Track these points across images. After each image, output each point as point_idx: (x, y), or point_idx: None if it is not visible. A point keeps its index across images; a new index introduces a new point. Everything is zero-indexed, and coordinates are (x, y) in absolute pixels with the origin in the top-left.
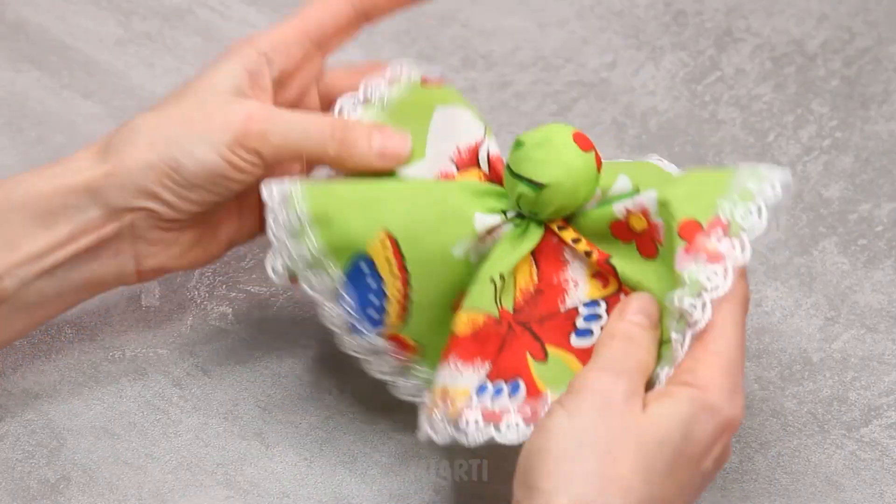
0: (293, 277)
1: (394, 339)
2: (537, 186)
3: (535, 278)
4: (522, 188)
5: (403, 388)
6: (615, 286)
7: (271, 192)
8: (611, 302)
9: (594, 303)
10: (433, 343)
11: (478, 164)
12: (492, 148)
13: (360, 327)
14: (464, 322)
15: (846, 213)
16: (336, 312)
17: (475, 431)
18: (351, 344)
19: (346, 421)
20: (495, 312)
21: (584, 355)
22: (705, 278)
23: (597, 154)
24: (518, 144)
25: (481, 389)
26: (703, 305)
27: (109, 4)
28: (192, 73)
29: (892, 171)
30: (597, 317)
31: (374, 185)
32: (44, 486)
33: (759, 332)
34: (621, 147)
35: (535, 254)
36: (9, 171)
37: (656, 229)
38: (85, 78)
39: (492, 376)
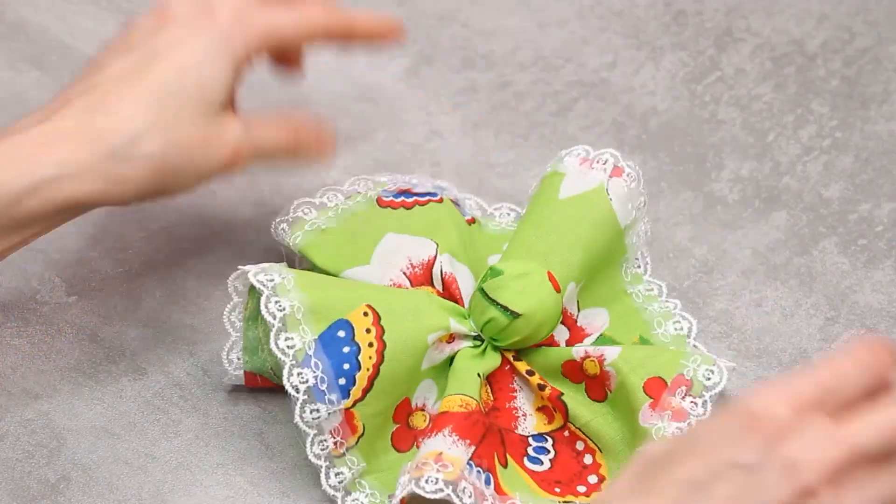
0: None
1: (346, 414)
2: (512, 314)
3: (492, 398)
4: (495, 313)
5: (330, 480)
6: (560, 422)
7: (245, 269)
8: (557, 437)
9: (541, 437)
10: (371, 431)
11: (431, 282)
12: (445, 266)
13: (326, 393)
14: (457, 403)
15: (846, 213)
16: (302, 377)
17: (469, 501)
18: (305, 414)
19: None
20: (481, 404)
21: (537, 477)
22: (671, 435)
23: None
24: (494, 272)
25: (469, 466)
26: None
27: (109, 4)
28: None
29: (892, 171)
30: (545, 451)
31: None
32: (44, 486)
33: (759, 333)
34: (621, 147)
35: (489, 378)
36: None
37: (609, 377)
38: None
39: (474, 459)
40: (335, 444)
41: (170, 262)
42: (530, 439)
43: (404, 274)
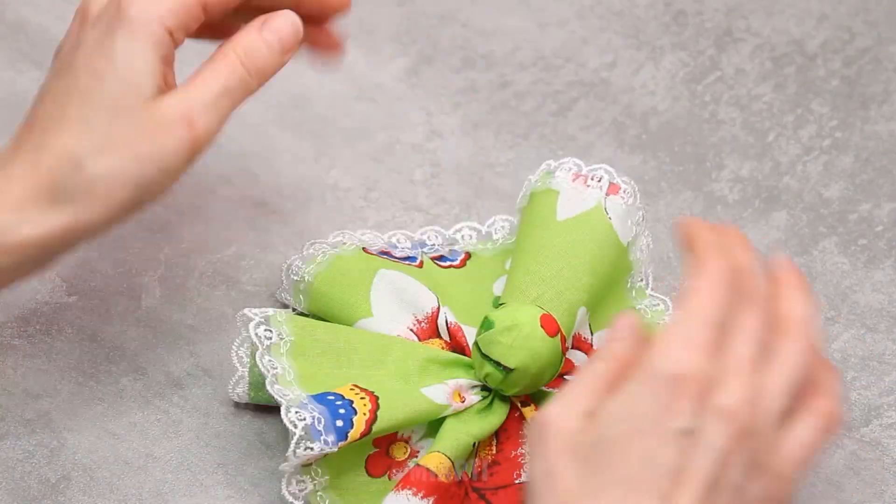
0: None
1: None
2: (505, 370)
3: (495, 450)
4: (490, 369)
5: (290, 487)
6: None
7: (248, 316)
8: None
9: None
10: (346, 448)
11: (438, 334)
12: (448, 317)
13: (323, 433)
14: (435, 462)
15: (846, 213)
16: (300, 416)
17: None
18: (298, 450)
19: None
20: (459, 473)
21: None
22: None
23: (562, 336)
24: (487, 324)
25: None
26: None
27: None
28: (191, 73)
29: (892, 171)
30: None
31: (344, 336)
32: (44, 486)
33: None
34: (621, 147)
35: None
36: None
37: None
38: None
39: None
40: (312, 484)
41: (170, 262)
42: None
43: (411, 331)
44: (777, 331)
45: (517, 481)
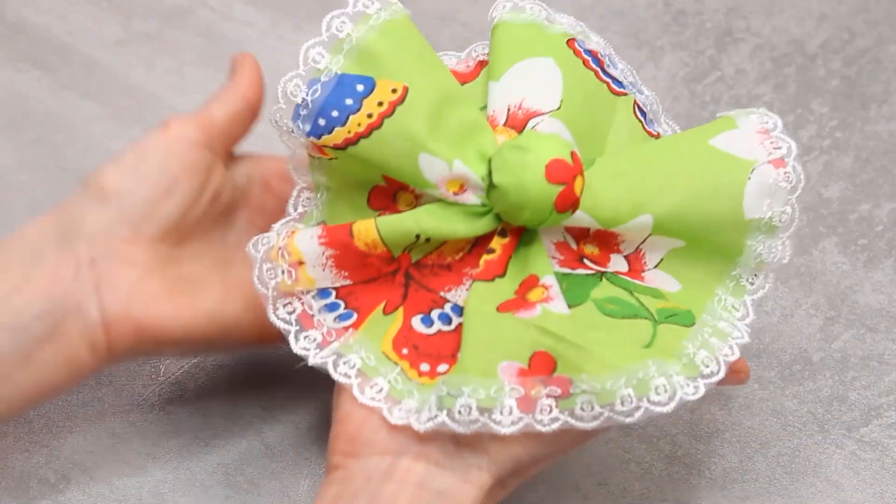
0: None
1: (319, 149)
2: (490, 181)
3: (459, 257)
4: (483, 172)
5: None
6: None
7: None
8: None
9: (459, 308)
10: (340, 194)
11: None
12: (545, 126)
13: (305, 122)
14: (362, 227)
15: (846, 213)
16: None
17: (284, 313)
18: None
19: None
20: (395, 252)
21: (406, 336)
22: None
23: (569, 193)
24: (517, 136)
25: (324, 294)
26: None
27: (109, 4)
28: (191, 73)
29: (892, 171)
30: (448, 319)
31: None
32: (44, 485)
33: (759, 332)
34: None
35: (478, 244)
36: (8, 171)
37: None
38: (85, 78)
39: (341, 294)
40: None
41: None
42: (447, 305)
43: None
44: None
45: (440, 293)
